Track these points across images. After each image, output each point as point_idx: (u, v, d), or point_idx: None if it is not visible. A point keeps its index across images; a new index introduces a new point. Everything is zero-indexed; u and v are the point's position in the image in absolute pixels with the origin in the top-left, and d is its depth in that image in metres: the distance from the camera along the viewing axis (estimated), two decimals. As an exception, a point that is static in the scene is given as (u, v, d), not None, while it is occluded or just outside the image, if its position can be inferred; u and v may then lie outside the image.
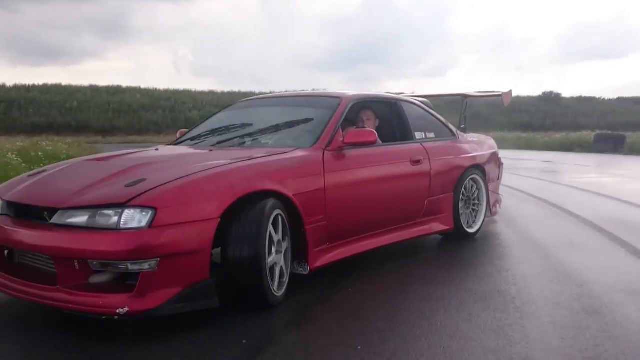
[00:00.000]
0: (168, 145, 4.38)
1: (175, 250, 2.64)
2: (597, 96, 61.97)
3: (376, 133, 3.74)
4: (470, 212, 4.99)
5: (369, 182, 3.84)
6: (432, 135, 4.69)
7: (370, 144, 3.71)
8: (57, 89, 47.21)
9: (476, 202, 5.05)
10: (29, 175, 3.44)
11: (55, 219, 2.74)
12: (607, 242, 4.78)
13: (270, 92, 4.70)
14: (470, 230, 4.92)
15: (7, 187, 3.30)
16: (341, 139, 3.69)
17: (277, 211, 3.10)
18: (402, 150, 4.26)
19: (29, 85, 48.80)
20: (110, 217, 2.62)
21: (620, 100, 62.75)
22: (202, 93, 50.69)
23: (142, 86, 48.88)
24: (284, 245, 3.20)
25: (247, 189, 2.96)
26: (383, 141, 4.27)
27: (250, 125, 4.06)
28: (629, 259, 4.18)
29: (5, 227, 2.94)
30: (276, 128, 3.90)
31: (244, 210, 2.93)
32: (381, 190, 3.94)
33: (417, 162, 4.28)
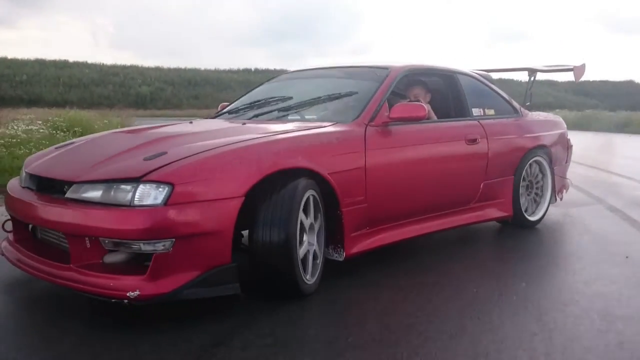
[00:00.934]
0: (205, 118, 4.17)
1: (193, 230, 2.41)
2: (515, 79, 62.83)
3: (427, 108, 3.38)
4: (533, 197, 4.54)
5: (417, 161, 3.49)
6: (491, 111, 4.26)
7: (419, 119, 3.35)
8: (5, 62, 46.71)
9: (539, 187, 4.59)
10: (56, 147, 3.31)
11: (69, 193, 2.57)
12: None
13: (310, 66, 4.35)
14: (532, 218, 4.48)
15: (33, 159, 3.18)
16: (386, 114, 3.35)
17: (311, 191, 2.83)
18: (455, 128, 3.88)
19: (-25, 59, 48.13)
20: (125, 193, 2.42)
21: (535, 82, 68.55)
22: (149, 69, 50.45)
23: (89, 61, 48.48)
24: (317, 228, 2.93)
25: (275, 166, 2.69)
26: (437, 117, 3.91)
27: (291, 98, 3.78)
28: None
29: (26, 200, 2.80)
30: (317, 101, 3.60)
31: (273, 190, 2.68)
32: (430, 171, 3.58)
33: (473, 141, 3.89)
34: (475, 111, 4.11)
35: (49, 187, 2.83)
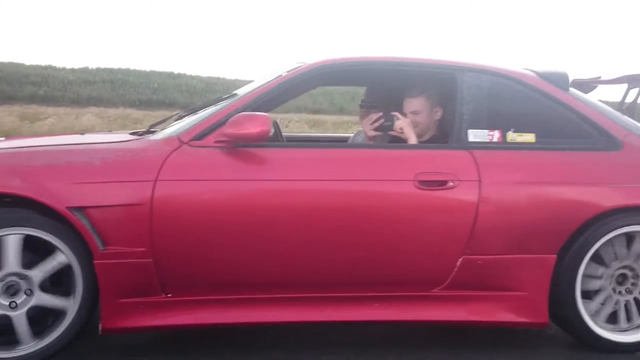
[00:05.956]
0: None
1: None
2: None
3: (268, 121, 2.11)
4: (635, 300, 2.47)
5: (281, 206, 2.22)
6: (527, 137, 2.44)
7: (253, 139, 2.13)
8: (134, 73, 41.97)
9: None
10: None
11: None
12: None
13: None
14: (623, 338, 2.44)
15: None
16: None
17: (22, 230, 2.06)
18: (390, 159, 2.34)
19: None
20: None
21: None
22: (235, 81, 43.85)
23: (187, 72, 45.11)
24: (40, 280, 2.11)
25: None
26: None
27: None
28: None
29: None
30: (195, 110, 2.64)
31: None
32: (310, 224, 2.22)
33: (439, 183, 2.28)
34: (478, 134, 2.41)
35: None
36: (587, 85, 3.16)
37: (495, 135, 2.42)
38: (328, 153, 2.36)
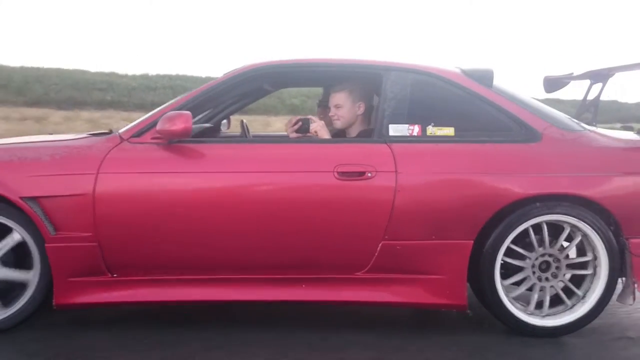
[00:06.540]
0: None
1: None
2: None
3: (189, 119, 2.38)
4: (555, 286, 2.58)
5: (208, 195, 2.47)
6: (446, 130, 2.59)
7: (177, 135, 2.40)
8: (184, 78, 41.01)
9: (580, 269, 2.58)
10: None
11: None
12: None
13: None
14: (543, 322, 2.56)
15: None
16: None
17: None
18: (312, 152, 2.55)
19: None
20: None
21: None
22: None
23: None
24: None
25: None
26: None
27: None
28: None
29: None
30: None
31: None
32: (236, 211, 2.46)
33: (358, 174, 2.47)
34: (399, 128, 2.58)
35: None
36: (559, 82, 3.32)
37: (415, 129, 2.58)
38: (257, 148, 2.59)
